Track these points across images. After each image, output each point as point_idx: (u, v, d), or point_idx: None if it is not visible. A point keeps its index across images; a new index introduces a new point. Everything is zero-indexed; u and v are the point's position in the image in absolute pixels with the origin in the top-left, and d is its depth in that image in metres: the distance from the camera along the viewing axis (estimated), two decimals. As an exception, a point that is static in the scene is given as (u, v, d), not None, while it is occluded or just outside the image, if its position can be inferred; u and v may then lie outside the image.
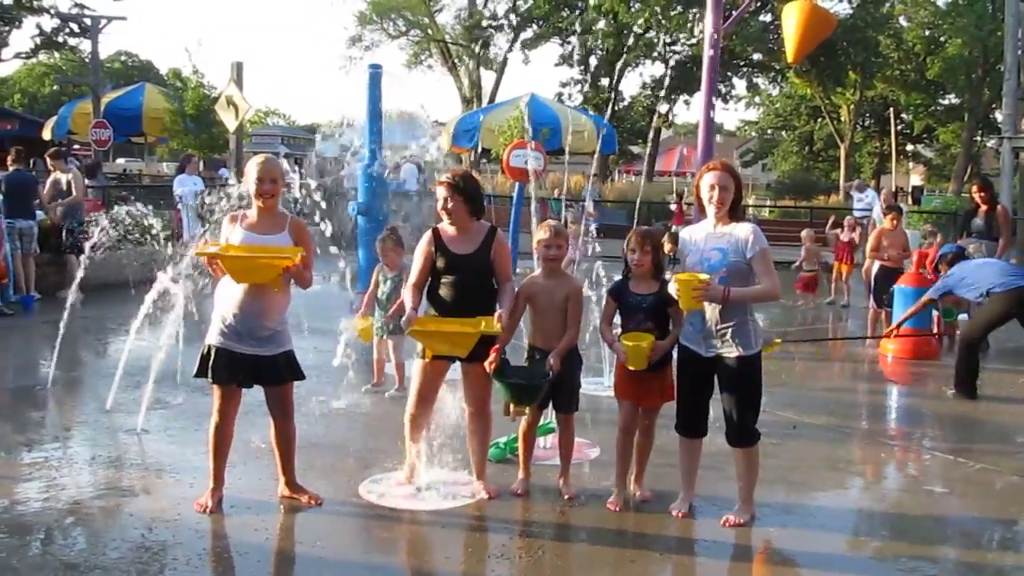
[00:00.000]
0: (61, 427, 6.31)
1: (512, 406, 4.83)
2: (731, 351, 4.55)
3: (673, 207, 21.69)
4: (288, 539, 4.48)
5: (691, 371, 4.71)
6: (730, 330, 4.53)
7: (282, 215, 4.73)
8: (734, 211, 4.60)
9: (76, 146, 28.88)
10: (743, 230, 4.54)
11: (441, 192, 4.80)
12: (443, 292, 4.85)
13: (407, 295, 4.81)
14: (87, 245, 7.70)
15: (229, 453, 4.78)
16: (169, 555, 4.20)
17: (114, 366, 6.66)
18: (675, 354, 4.83)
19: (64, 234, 11.42)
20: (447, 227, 4.88)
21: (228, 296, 4.59)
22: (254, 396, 4.87)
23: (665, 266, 5.09)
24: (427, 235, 4.91)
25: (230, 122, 18.38)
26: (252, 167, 4.61)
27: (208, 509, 4.67)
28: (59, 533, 4.44)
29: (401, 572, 4.30)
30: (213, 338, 4.61)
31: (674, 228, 6.89)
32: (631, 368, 4.76)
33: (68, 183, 11.60)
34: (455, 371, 4.99)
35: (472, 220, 4.87)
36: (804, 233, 13.57)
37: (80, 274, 7.62)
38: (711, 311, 4.53)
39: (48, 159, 12.06)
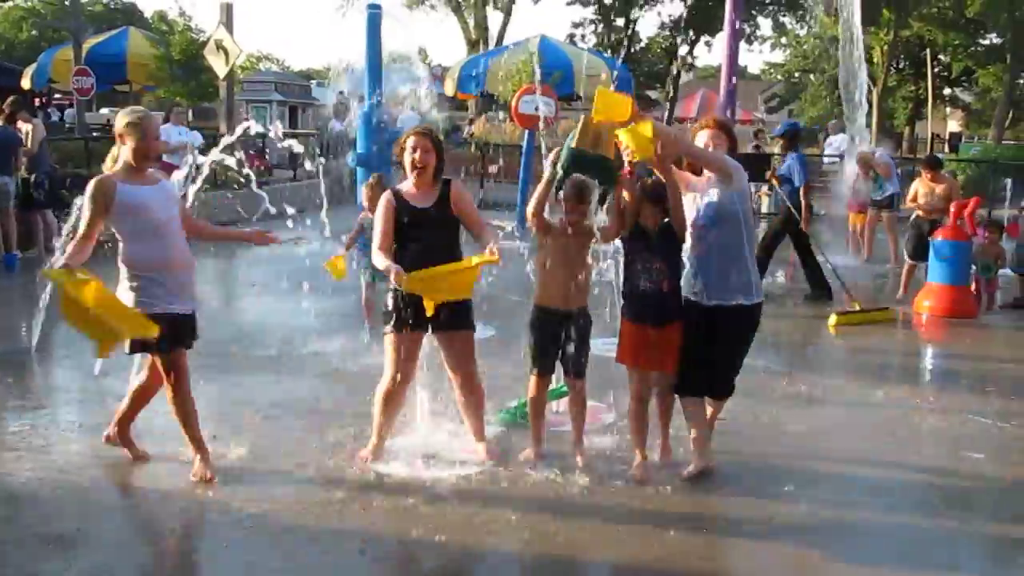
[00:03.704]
0: (48, 393, 6.34)
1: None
2: (732, 300, 4.71)
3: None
4: (284, 510, 4.49)
5: (691, 320, 4.80)
6: (732, 277, 4.70)
7: (438, 183, 4.93)
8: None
9: (57, 95, 28.74)
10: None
11: (420, 142, 4.84)
12: (408, 252, 4.80)
13: (379, 259, 4.78)
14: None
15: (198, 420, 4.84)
16: (165, 526, 4.23)
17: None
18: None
19: (34, 189, 11.36)
20: (406, 186, 4.94)
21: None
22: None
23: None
24: (385, 196, 4.95)
25: (220, 68, 18.20)
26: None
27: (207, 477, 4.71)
28: (47, 504, 4.46)
29: (402, 545, 4.30)
30: None
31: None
32: (637, 157, 4.45)
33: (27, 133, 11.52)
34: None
35: (436, 180, 4.94)
36: None
37: (65, 227, 7.55)
38: (716, 266, 4.69)
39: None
